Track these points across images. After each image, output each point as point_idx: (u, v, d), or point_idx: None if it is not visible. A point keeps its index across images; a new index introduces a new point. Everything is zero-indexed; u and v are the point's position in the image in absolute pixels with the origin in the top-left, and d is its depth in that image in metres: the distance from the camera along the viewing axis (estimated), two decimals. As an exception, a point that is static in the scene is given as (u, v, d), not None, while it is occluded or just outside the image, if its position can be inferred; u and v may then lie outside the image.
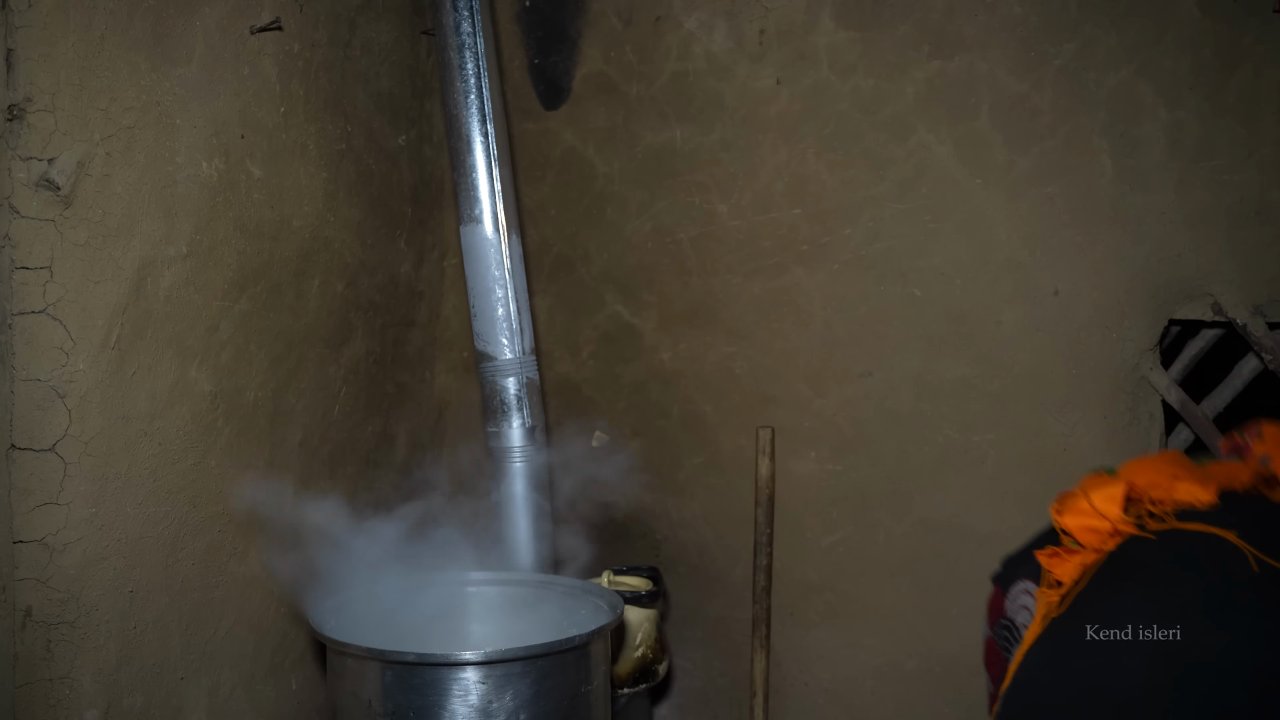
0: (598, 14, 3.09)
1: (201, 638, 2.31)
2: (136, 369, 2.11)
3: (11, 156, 1.88)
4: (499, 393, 2.75)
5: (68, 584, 2.00)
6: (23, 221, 1.90)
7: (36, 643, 1.97)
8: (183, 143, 2.19)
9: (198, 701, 2.30)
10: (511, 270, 2.74)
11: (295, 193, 2.54)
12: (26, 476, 1.94)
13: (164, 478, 2.19)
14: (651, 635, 2.77)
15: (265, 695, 2.51)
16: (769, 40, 2.93)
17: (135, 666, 2.14)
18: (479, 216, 2.73)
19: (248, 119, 2.37)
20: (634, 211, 3.07)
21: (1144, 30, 2.60)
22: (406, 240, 3.01)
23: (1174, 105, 2.59)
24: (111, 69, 2.01)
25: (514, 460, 2.75)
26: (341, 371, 2.74)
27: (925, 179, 2.80)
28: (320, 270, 2.64)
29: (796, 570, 2.95)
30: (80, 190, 1.97)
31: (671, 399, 3.06)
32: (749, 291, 2.97)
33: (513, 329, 2.74)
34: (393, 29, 2.92)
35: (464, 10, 2.72)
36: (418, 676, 2.07)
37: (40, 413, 1.95)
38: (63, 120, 1.93)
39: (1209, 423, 2.70)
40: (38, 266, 1.92)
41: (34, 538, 1.96)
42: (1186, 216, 2.60)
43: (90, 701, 2.05)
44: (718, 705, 3.06)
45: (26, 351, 1.93)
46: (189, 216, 2.22)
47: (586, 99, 3.10)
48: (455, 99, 2.74)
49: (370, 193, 2.84)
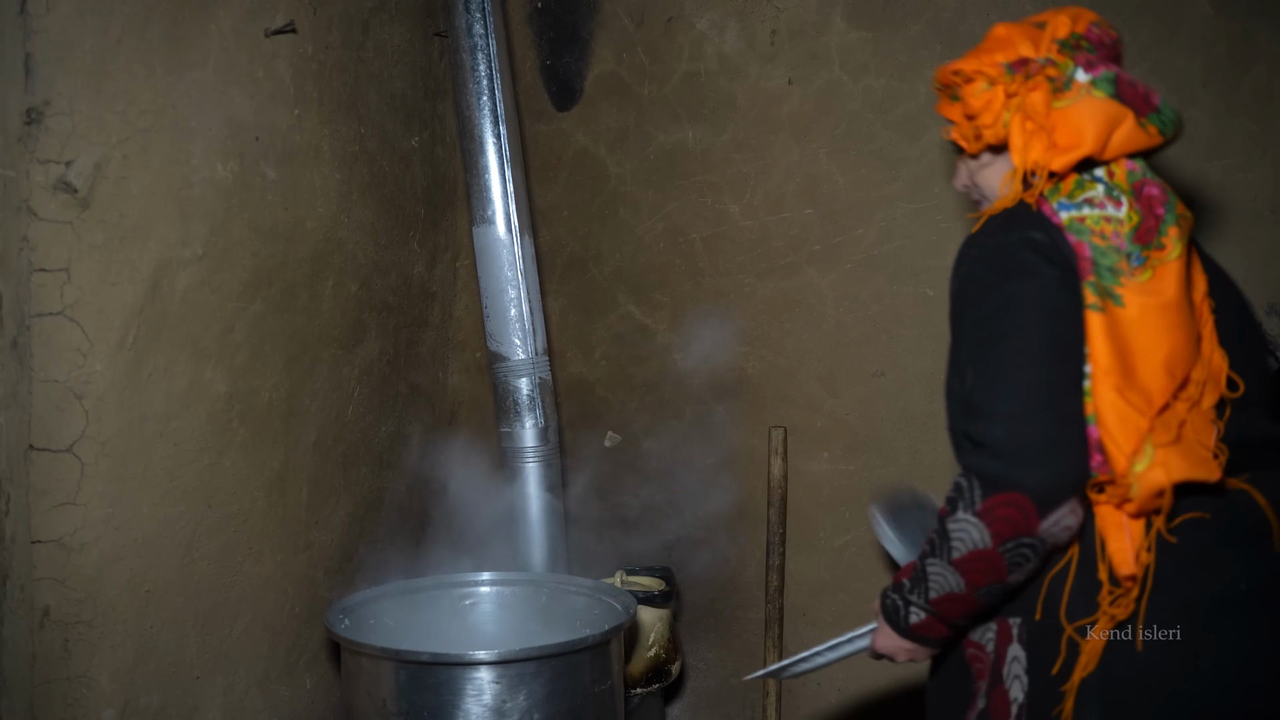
0: (609, 15, 3.09)
1: (217, 637, 2.32)
2: (153, 370, 2.12)
3: (30, 160, 1.90)
4: (512, 393, 2.76)
5: (85, 584, 2.01)
6: (41, 224, 1.91)
7: (54, 642, 1.99)
8: (198, 145, 2.20)
9: (213, 701, 2.32)
10: (524, 271, 2.75)
11: (309, 194, 2.55)
12: (44, 477, 1.96)
13: (180, 478, 2.20)
14: (664, 635, 2.77)
15: (280, 695, 2.52)
16: (781, 40, 2.94)
17: (151, 666, 2.16)
18: (491, 217, 2.74)
19: (262, 121, 2.38)
20: (646, 212, 3.08)
21: (1157, 29, 2.59)
22: (419, 241, 3.02)
23: (1187, 104, 2.58)
24: (128, 72, 2.03)
25: (527, 460, 2.76)
26: (355, 372, 2.75)
27: (938, 178, 2.80)
28: (334, 271, 2.65)
29: (809, 570, 2.95)
30: (97, 193, 1.98)
31: (684, 399, 3.07)
32: (761, 291, 2.98)
33: (525, 329, 2.75)
34: (405, 31, 2.93)
35: (476, 12, 2.73)
36: (432, 676, 2.08)
37: (58, 413, 1.96)
38: (80, 123, 1.94)
39: (1223, 422, 2.69)
40: (55, 268, 1.94)
41: (52, 537, 1.97)
42: (1200, 215, 2.59)
43: (108, 700, 2.06)
44: (730, 705, 3.07)
45: (44, 353, 1.94)
46: (204, 218, 2.23)
47: (599, 100, 3.11)
48: (468, 100, 2.75)
49: (383, 194, 2.85)
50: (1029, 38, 1.66)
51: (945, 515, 1.49)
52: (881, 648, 1.67)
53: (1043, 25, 1.68)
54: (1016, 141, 1.62)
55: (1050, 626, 1.53)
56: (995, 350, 1.48)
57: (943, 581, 1.51)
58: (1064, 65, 1.63)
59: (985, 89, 1.64)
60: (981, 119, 1.65)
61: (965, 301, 1.56)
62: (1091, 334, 1.51)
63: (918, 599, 1.57)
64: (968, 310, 1.55)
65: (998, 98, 1.63)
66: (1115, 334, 1.51)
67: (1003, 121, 1.63)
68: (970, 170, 1.76)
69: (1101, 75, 1.62)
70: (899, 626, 1.62)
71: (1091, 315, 1.52)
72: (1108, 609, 1.49)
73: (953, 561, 1.48)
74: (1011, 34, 1.68)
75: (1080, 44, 1.65)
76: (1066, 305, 1.51)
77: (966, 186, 1.79)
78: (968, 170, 1.77)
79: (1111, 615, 1.49)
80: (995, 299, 1.51)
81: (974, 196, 1.79)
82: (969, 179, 1.77)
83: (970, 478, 1.46)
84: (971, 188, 1.78)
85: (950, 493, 1.49)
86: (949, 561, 1.49)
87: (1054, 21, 1.67)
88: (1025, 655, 1.55)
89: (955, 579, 1.50)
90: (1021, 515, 1.43)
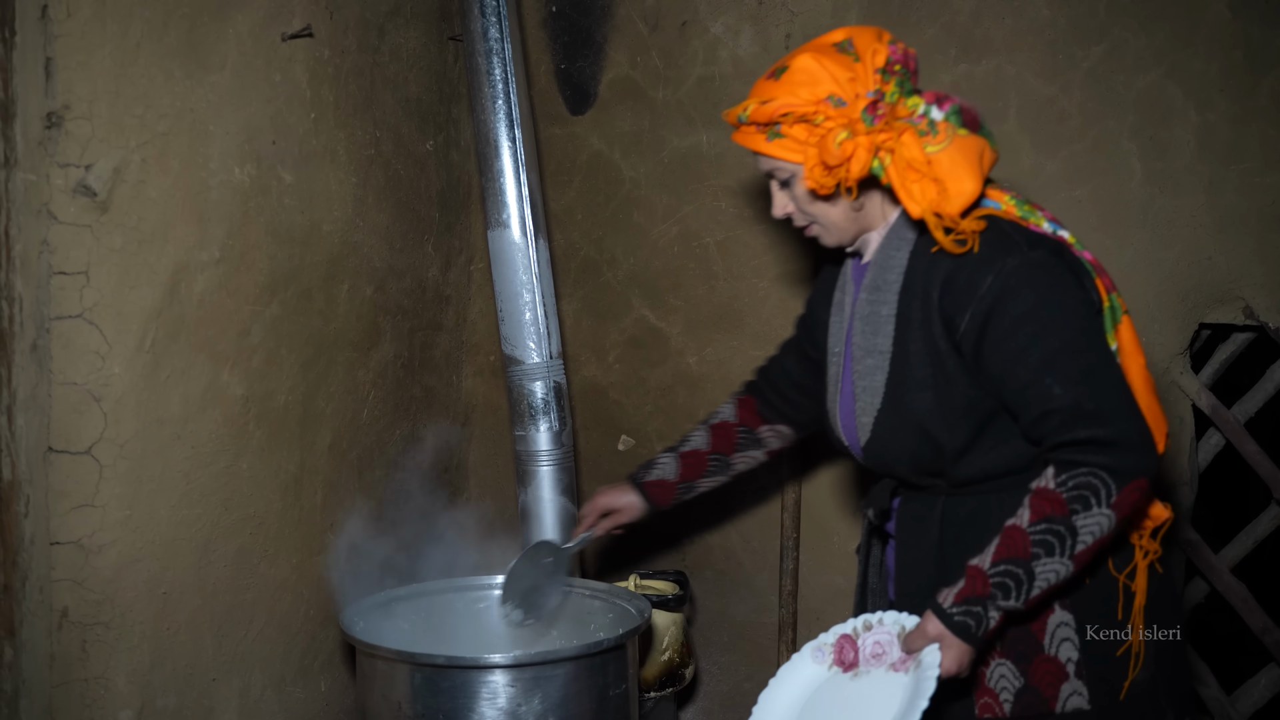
0: (624, 19, 3.10)
1: (233, 639, 2.33)
2: (170, 373, 2.13)
3: (50, 163, 1.91)
4: (526, 396, 2.76)
5: (103, 585, 2.02)
6: (60, 227, 1.93)
7: (72, 643, 2.00)
8: (216, 149, 2.21)
9: (229, 703, 2.32)
10: (538, 274, 2.75)
11: (325, 198, 2.56)
12: (63, 479, 1.97)
13: (196, 480, 2.21)
14: (678, 639, 2.77)
15: (295, 697, 2.53)
16: (795, 44, 2.93)
17: (168, 667, 2.16)
18: (506, 221, 2.74)
19: (279, 125, 2.39)
20: (660, 215, 3.08)
21: (1174, 32, 2.59)
22: (434, 245, 3.03)
23: (1204, 108, 2.58)
24: (147, 76, 2.04)
25: (541, 464, 2.76)
26: (370, 375, 2.76)
27: (953, 183, 2.80)
28: (349, 275, 2.66)
29: (823, 574, 2.95)
30: (116, 196, 1.99)
31: (698, 403, 3.06)
32: (775, 295, 2.97)
33: (540, 333, 2.75)
34: (421, 35, 2.94)
35: (491, 16, 2.73)
36: (447, 679, 2.09)
37: (77, 416, 1.98)
38: (99, 127, 1.95)
39: (1241, 428, 2.68)
40: (75, 271, 1.95)
41: (70, 539, 1.98)
42: (1217, 220, 2.59)
43: (125, 702, 2.07)
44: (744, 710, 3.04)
45: (63, 355, 1.95)
46: (221, 222, 2.24)
47: (613, 104, 3.11)
48: (483, 104, 2.76)
49: (398, 198, 2.86)
50: (844, 67, 1.69)
51: (1070, 513, 1.57)
52: (955, 669, 1.63)
53: (849, 50, 1.70)
54: (903, 192, 1.66)
55: (1102, 582, 1.71)
56: (1086, 359, 1.62)
57: (1053, 577, 1.59)
58: (913, 104, 1.69)
59: (845, 137, 1.65)
60: (849, 170, 1.66)
61: (1018, 316, 1.63)
62: (1124, 343, 1.74)
63: (1012, 602, 1.60)
64: (1026, 323, 1.62)
65: (862, 147, 1.65)
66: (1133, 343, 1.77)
67: (870, 169, 1.67)
68: (802, 199, 1.78)
69: (950, 110, 1.69)
70: (974, 638, 1.61)
71: (1127, 324, 1.75)
72: (1146, 544, 1.72)
73: (1075, 555, 1.58)
74: (823, 64, 1.69)
75: (895, 69, 1.70)
76: (1101, 318, 1.72)
77: (790, 214, 1.83)
78: (793, 198, 1.80)
79: (1147, 550, 1.72)
80: (1065, 311, 1.64)
81: (799, 223, 1.83)
82: (796, 207, 1.81)
83: (1099, 474, 1.57)
84: (798, 215, 1.82)
85: (1075, 492, 1.57)
86: (1071, 556, 1.58)
87: (865, 50, 1.70)
88: (1072, 617, 1.69)
89: (1066, 570, 1.60)
90: (1143, 497, 1.61)
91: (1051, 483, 1.59)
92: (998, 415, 1.71)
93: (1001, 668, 1.71)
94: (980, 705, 1.72)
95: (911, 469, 1.77)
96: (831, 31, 1.75)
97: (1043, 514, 1.58)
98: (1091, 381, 1.60)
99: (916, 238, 1.75)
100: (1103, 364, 1.63)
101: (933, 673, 1.58)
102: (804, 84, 1.68)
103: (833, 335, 1.93)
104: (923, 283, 1.71)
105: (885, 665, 1.67)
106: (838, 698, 1.68)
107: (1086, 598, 1.71)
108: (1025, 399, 1.64)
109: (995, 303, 1.63)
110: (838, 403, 1.89)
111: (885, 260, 1.78)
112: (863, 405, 1.80)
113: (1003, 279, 1.63)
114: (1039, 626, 1.69)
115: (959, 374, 1.69)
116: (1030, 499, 1.60)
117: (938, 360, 1.70)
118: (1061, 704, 1.68)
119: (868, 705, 1.63)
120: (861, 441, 1.82)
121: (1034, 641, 1.69)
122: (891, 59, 1.69)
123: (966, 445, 1.71)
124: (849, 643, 1.72)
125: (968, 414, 1.70)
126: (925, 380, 1.71)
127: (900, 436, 1.74)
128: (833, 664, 1.73)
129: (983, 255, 1.65)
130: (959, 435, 1.70)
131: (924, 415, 1.71)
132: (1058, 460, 1.61)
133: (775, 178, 1.80)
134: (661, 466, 2.22)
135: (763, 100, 1.71)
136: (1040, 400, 1.62)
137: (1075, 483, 1.57)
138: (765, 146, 1.73)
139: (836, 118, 1.66)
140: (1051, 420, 1.61)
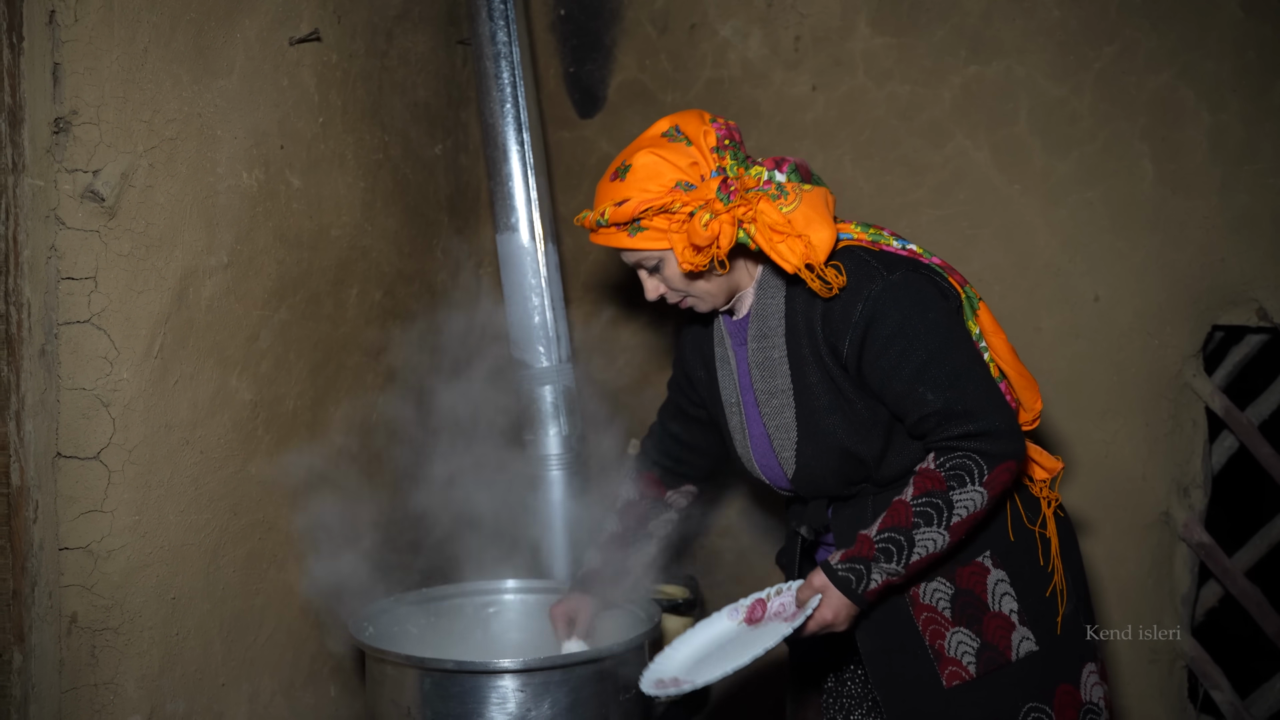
0: (632, 22, 3.09)
1: (242, 644, 2.33)
2: (179, 378, 2.13)
3: (57, 169, 1.91)
4: (535, 401, 2.76)
5: (112, 590, 2.02)
6: (68, 233, 1.93)
7: (82, 648, 2.00)
8: (223, 153, 2.21)
9: (238, 708, 2.32)
10: (548, 278, 2.75)
11: (333, 202, 2.56)
12: (72, 484, 1.97)
13: (205, 485, 2.21)
14: (688, 643, 2.76)
15: (304, 702, 2.53)
16: (804, 47, 2.93)
17: (177, 673, 2.16)
18: (515, 225, 2.74)
19: (287, 129, 2.39)
20: (669, 219, 3.07)
21: (1185, 33, 2.57)
22: (443, 249, 3.03)
23: (1216, 108, 2.56)
24: (154, 82, 2.04)
25: (550, 468, 2.76)
26: (379, 380, 2.76)
27: (963, 185, 2.78)
28: (358, 279, 2.66)
29: (834, 579, 2.93)
30: (124, 201, 1.99)
31: (707, 406, 3.05)
32: (785, 298, 2.96)
33: (549, 337, 2.74)
34: (429, 39, 2.94)
35: (499, 20, 2.73)
36: (456, 684, 2.08)
37: (85, 421, 1.98)
38: (107, 133, 1.95)
39: (1254, 430, 2.66)
40: (83, 277, 1.95)
41: (79, 544, 1.98)
42: (1230, 221, 2.57)
43: (134, 707, 2.07)
44: (753, 715, 3.05)
45: (72, 361, 1.95)
46: (230, 226, 2.24)
47: (622, 107, 3.11)
48: (491, 108, 2.75)
49: (407, 202, 2.86)
50: (681, 154, 1.83)
51: (947, 489, 1.75)
52: (828, 619, 1.80)
53: (679, 137, 1.85)
54: (774, 253, 1.80)
55: (1020, 538, 1.90)
56: (952, 363, 1.79)
57: (930, 545, 1.77)
58: (756, 173, 1.85)
59: (709, 219, 1.78)
60: (719, 245, 1.79)
61: (887, 335, 1.80)
62: (984, 325, 1.91)
63: (893, 565, 1.77)
64: (895, 341, 1.79)
65: (726, 224, 1.79)
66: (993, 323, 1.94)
67: (737, 239, 1.80)
68: (674, 279, 1.89)
69: (789, 170, 1.86)
70: (855, 594, 1.79)
71: (984, 309, 1.92)
72: (1048, 494, 1.95)
73: (950, 526, 1.76)
74: (663, 156, 1.83)
75: (726, 144, 1.85)
76: (960, 315, 1.88)
77: (664, 294, 1.94)
78: (664, 280, 1.91)
79: (1050, 499, 1.94)
80: (927, 325, 1.80)
81: (673, 300, 1.94)
82: (669, 287, 1.92)
83: (973, 456, 1.76)
84: (670, 294, 1.93)
85: (952, 471, 1.76)
86: (946, 527, 1.76)
87: (695, 134, 1.84)
88: (1006, 573, 1.88)
89: (943, 541, 1.77)
90: (1012, 477, 1.80)
91: (932, 464, 1.79)
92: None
93: (958, 634, 1.86)
94: (947, 675, 1.85)
95: (841, 484, 1.94)
96: (656, 123, 1.89)
97: (924, 489, 1.77)
98: (959, 384, 1.78)
99: (786, 285, 1.91)
100: (967, 365, 1.80)
101: (807, 611, 1.79)
102: (651, 178, 1.82)
103: (724, 388, 2.05)
104: (804, 321, 1.88)
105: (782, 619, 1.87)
106: (735, 644, 1.88)
107: (1013, 553, 1.90)
108: (904, 406, 1.82)
109: (867, 327, 1.81)
110: (749, 446, 2.02)
111: (764, 311, 1.93)
112: (780, 442, 1.95)
113: (870, 304, 1.81)
114: (980, 588, 1.87)
115: (855, 393, 1.86)
116: (914, 478, 1.80)
117: (835, 386, 1.87)
118: (1015, 651, 1.85)
119: (751, 644, 1.83)
120: (789, 474, 1.96)
121: (979, 603, 1.86)
122: (720, 136, 1.85)
123: (883, 450, 1.89)
124: (760, 604, 1.93)
125: (874, 425, 1.87)
126: (830, 405, 1.88)
127: (825, 460, 1.91)
128: (742, 620, 1.94)
129: (851, 286, 1.83)
130: (874, 444, 1.88)
131: (840, 436, 1.88)
132: (938, 447, 1.80)
133: (644, 266, 1.92)
134: (589, 562, 2.33)
135: (617, 202, 1.83)
136: (917, 406, 1.80)
137: (952, 464, 1.77)
138: (630, 242, 1.86)
139: (691, 202, 1.80)
140: (929, 422, 1.80)
